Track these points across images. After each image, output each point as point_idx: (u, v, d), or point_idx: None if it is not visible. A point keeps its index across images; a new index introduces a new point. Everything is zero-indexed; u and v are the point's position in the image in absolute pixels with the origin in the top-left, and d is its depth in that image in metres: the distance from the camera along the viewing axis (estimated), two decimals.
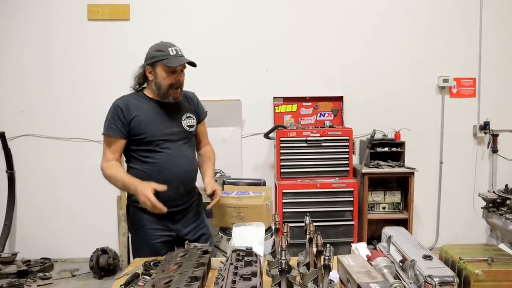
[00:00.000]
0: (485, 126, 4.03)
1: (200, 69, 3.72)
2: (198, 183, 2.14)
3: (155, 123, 1.92)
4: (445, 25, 4.04)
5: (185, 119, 2.01)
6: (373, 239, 3.62)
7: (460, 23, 4.05)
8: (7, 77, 3.91)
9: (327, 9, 3.98)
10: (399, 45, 4.03)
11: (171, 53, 1.90)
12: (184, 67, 1.97)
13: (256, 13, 3.95)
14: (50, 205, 3.99)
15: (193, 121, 2.05)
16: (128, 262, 3.79)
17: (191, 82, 2.26)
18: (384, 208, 3.81)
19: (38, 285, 3.43)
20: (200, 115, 2.13)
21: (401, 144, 3.77)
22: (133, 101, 1.96)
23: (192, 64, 1.96)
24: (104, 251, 3.63)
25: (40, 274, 3.58)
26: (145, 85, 2.03)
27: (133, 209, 2.00)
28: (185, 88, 2.15)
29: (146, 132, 1.88)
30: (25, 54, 3.89)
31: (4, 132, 3.85)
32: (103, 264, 3.57)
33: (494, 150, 4.08)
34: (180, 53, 1.93)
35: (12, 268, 3.54)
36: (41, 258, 3.86)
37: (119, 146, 1.90)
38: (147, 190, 1.73)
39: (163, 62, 1.89)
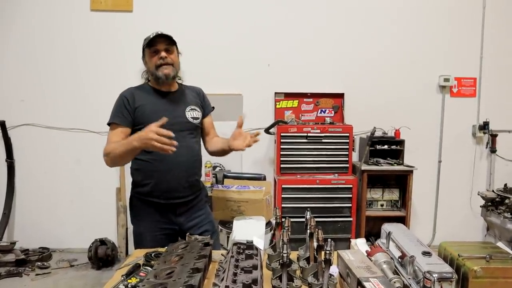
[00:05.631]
0: (484, 126, 4.05)
1: (202, 63, 3.79)
2: (203, 178, 2.11)
3: (158, 112, 1.90)
4: (447, 25, 4.04)
5: (189, 111, 2.01)
6: (371, 236, 3.65)
7: (462, 23, 4.06)
8: (9, 66, 3.89)
9: (330, 6, 3.98)
10: (401, 44, 4.04)
11: (152, 36, 1.93)
12: (169, 45, 1.95)
13: (258, 8, 3.94)
14: (49, 195, 3.99)
15: (197, 114, 2.05)
16: (127, 253, 3.82)
17: (193, 75, 2.26)
18: (382, 205, 3.83)
19: (36, 274, 3.45)
20: (205, 109, 2.13)
21: (401, 142, 3.79)
22: (138, 91, 1.99)
23: (168, 37, 1.93)
24: (102, 242, 3.64)
25: (39, 263, 3.60)
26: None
27: (136, 200, 2.01)
28: (189, 82, 2.17)
29: (149, 121, 1.84)
30: (27, 44, 3.87)
31: (4, 121, 3.84)
32: (102, 255, 3.58)
33: (493, 150, 4.10)
34: (160, 33, 1.92)
35: (10, 257, 3.57)
36: (39, 248, 3.87)
37: (123, 134, 1.89)
38: (150, 126, 1.64)
39: (146, 46, 1.94)
